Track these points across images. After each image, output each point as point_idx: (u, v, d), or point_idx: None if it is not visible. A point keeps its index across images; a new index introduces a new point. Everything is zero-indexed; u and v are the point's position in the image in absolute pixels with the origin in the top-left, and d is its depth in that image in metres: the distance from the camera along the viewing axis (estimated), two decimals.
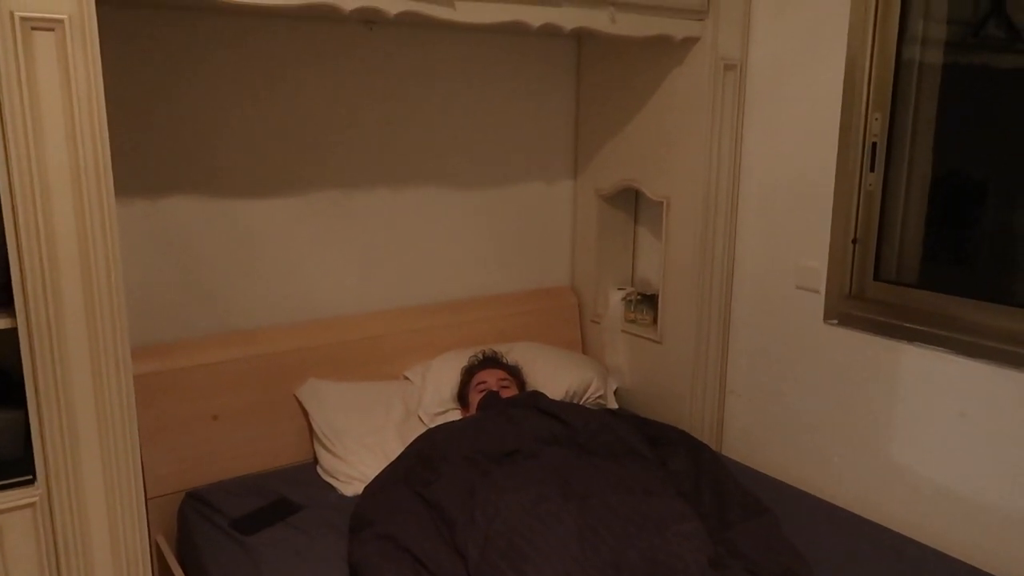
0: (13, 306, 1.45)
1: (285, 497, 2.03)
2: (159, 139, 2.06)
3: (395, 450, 2.12)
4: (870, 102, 2.07)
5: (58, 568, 1.53)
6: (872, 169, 2.09)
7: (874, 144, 2.08)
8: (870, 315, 2.09)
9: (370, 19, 1.78)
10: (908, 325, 2.00)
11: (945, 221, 2.09)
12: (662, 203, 2.48)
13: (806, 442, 2.27)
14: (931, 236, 2.11)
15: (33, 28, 1.37)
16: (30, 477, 1.50)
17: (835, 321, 2.17)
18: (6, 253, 1.44)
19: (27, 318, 1.44)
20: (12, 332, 1.46)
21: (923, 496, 1.99)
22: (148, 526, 1.67)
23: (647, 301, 2.66)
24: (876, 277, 2.12)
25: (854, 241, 2.13)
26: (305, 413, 2.25)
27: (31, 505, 1.49)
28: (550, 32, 2.03)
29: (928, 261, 2.11)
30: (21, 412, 1.52)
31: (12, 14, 1.35)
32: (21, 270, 1.42)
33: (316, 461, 2.22)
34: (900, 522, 1.99)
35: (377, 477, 2.00)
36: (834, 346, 2.17)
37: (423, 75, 2.44)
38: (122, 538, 1.58)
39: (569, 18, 2.01)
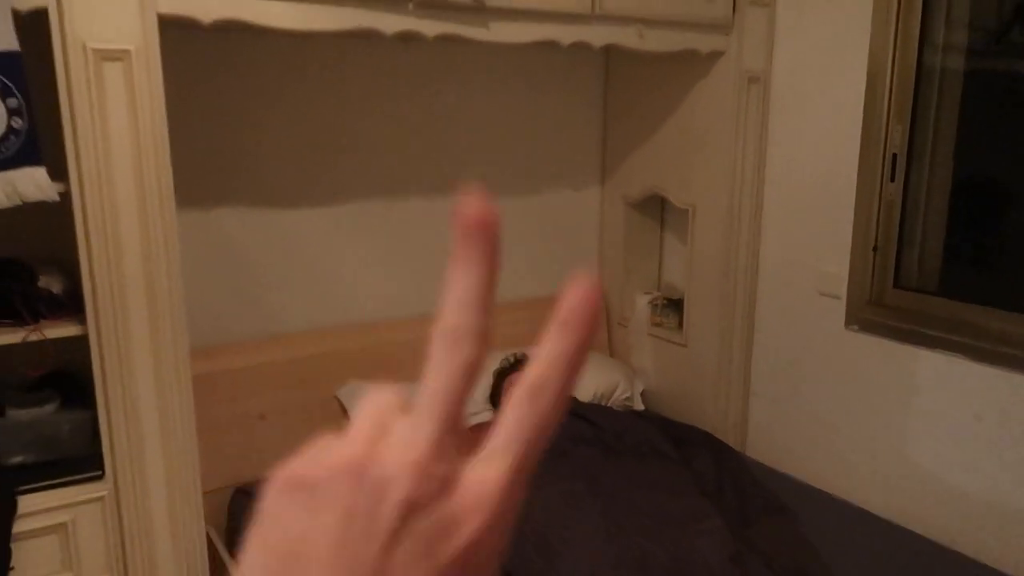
0: (83, 314, 1.57)
1: None
2: (210, 153, 2.18)
3: None
4: (891, 113, 2.12)
5: (124, 557, 1.65)
6: (892, 179, 2.14)
7: (894, 155, 2.13)
8: (890, 321, 2.15)
9: (408, 38, 1.88)
10: (927, 331, 2.06)
11: (965, 228, 2.14)
12: (688, 210, 2.56)
13: (827, 444, 2.34)
14: (951, 243, 2.16)
15: (104, 59, 1.49)
16: (99, 473, 1.62)
17: (856, 327, 2.23)
18: (77, 263, 1.56)
19: (97, 325, 1.56)
20: (82, 338, 1.58)
21: (940, 497, 2.05)
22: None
23: (673, 305, 2.74)
24: (896, 284, 2.18)
25: (874, 249, 2.19)
26: (346, 413, 2.36)
27: (100, 499, 1.61)
28: (580, 48, 2.12)
29: (948, 268, 2.16)
30: (90, 412, 1.64)
31: (85, 46, 1.47)
32: (92, 280, 1.54)
33: None
34: (917, 522, 2.05)
35: None
36: (855, 351, 2.23)
37: (457, 87, 2.54)
38: (182, 529, 1.70)
39: (599, 36, 2.09)
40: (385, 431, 0.30)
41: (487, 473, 0.30)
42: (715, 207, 2.45)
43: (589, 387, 2.56)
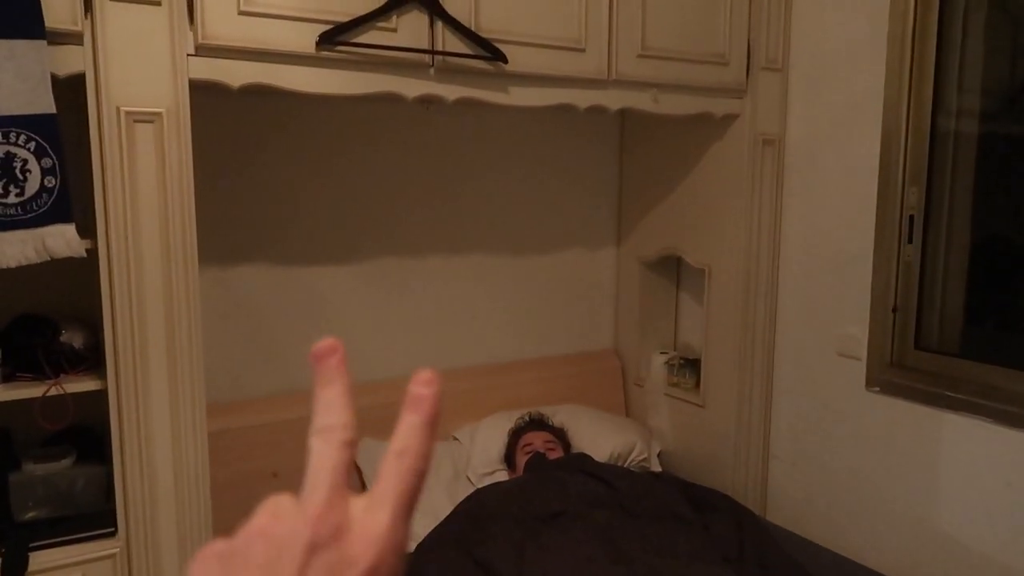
0: (103, 369, 1.58)
1: None
2: (231, 210, 2.23)
3: (444, 509, 2.18)
4: (906, 175, 2.14)
5: None
6: (910, 241, 2.14)
7: (911, 217, 2.14)
8: (912, 383, 2.12)
9: (429, 101, 1.93)
10: (951, 394, 2.03)
11: (986, 289, 2.13)
12: (704, 270, 2.56)
13: (849, 509, 2.28)
14: (972, 304, 2.15)
15: (135, 120, 1.54)
16: (112, 529, 1.61)
17: (877, 389, 2.20)
18: (98, 318, 1.58)
19: (116, 380, 1.57)
20: (101, 393, 1.59)
21: (969, 567, 1.98)
22: None
23: (689, 365, 2.72)
24: (917, 345, 2.16)
25: (894, 310, 2.17)
26: (359, 471, 2.34)
27: (112, 556, 1.60)
28: (596, 112, 2.16)
29: (970, 329, 2.14)
30: (106, 467, 1.64)
31: (119, 109, 1.52)
32: (114, 336, 1.56)
33: None
34: None
35: (427, 536, 2.06)
36: (876, 413, 2.20)
37: (474, 148, 2.59)
38: None
39: (615, 100, 2.14)
40: (282, 508, 0.38)
41: (374, 519, 0.38)
42: (731, 267, 2.46)
43: (606, 447, 2.53)
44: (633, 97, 2.17)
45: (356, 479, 2.35)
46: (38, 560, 1.53)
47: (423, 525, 2.14)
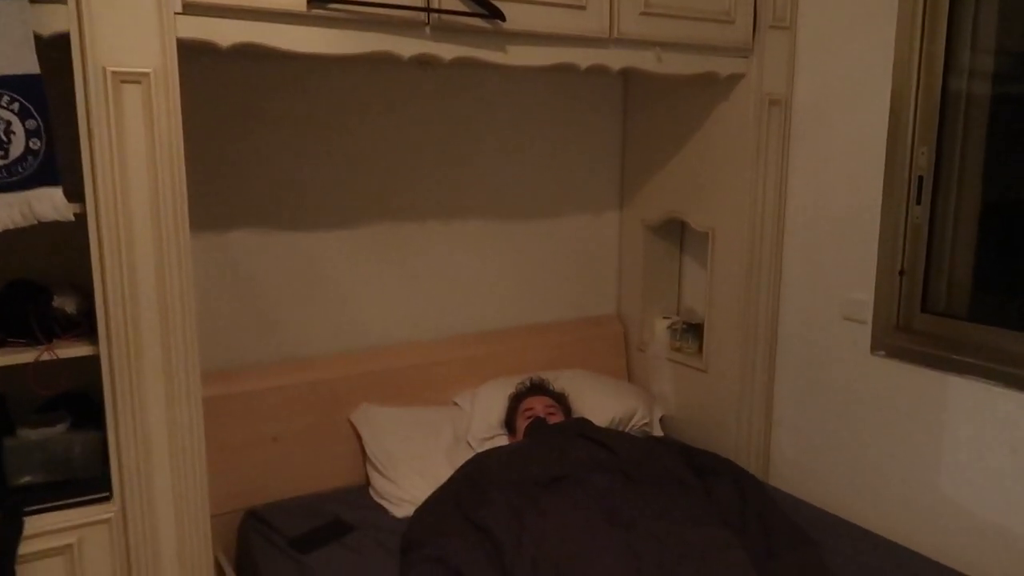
0: (96, 334, 1.57)
1: (339, 518, 2.11)
2: (225, 175, 2.19)
3: (444, 474, 2.18)
4: (916, 136, 2.08)
5: None
6: (919, 202, 2.10)
7: (920, 177, 2.09)
8: (918, 347, 2.09)
9: (425, 62, 1.88)
10: (957, 357, 2.00)
11: (995, 252, 2.08)
12: (707, 233, 2.52)
13: (853, 473, 2.27)
14: (981, 267, 2.10)
15: (122, 81, 1.50)
16: (107, 494, 1.61)
17: (882, 353, 2.17)
18: (91, 284, 1.56)
19: (109, 345, 1.55)
20: (94, 359, 1.58)
21: (972, 531, 1.97)
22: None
23: (692, 330, 2.69)
24: (924, 309, 2.13)
25: (901, 273, 2.14)
26: (359, 437, 2.34)
27: (107, 521, 1.60)
28: (598, 71, 2.11)
29: (978, 293, 2.10)
30: (101, 433, 1.63)
31: (104, 69, 1.48)
32: (105, 302, 1.54)
33: (369, 483, 2.30)
34: (948, 556, 1.97)
35: (427, 500, 2.06)
36: (881, 378, 2.17)
37: (475, 112, 2.54)
38: (189, 553, 1.68)
39: (617, 59, 2.08)
40: None
41: None
42: (736, 231, 2.42)
43: (607, 412, 2.52)
44: (636, 56, 2.11)
45: (356, 442, 2.36)
46: (34, 524, 1.53)
47: (423, 490, 2.14)
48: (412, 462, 2.26)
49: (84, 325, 1.64)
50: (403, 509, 2.14)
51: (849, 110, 2.21)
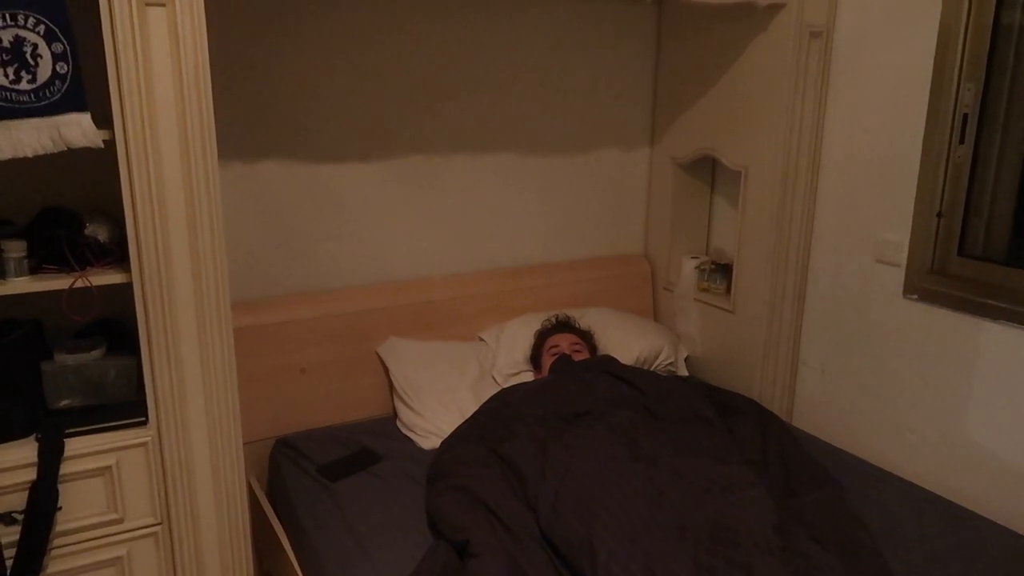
0: (128, 262, 1.58)
1: (367, 447, 2.15)
2: (255, 105, 2.17)
3: (470, 408, 2.21)
4: (963, 72, 2.00)
5: (167, 501, 1.68)
6: (962, 141, 2.03)
7: (965, 115, 2.01)
8: (953, 291, 2.05)
9: None
10: (992, 302, 1.96)
11: None
12: (740, 172, 2.47)
13: (879, 416, 2.26)
14: (1022, 210, 2.04)
15: (147, 4, 1.47)
16: (143, 419, 1.65)
17: (915, 296, 2.13)
18: (122, 212, 1.56)
19: (141, 273, 1.57)
20: (127, 286, 1.59)
21: (998, 475, 1.96)
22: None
23: (721, 270, 2.67)
24: (961, 252, 2.08)
25: (939, 215, 2.08)
26: (386, 369, 2.37)
27: (144, 444, 1.64)
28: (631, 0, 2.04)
29: (1018, 236, 2.05)
30: (135, 359, 1.66)
31: None
32: (136, 229, 1.55)
33: (395, 415, 2.34)
34: (971, 499, 1.98)
35: (453, 433, 2.09)
36: (913, 321, 2.14)
37: (505, 44, 2.48)
38: (223, 476, 1.72)
39: None
40: None
41: None
42: (769, 169, 2.36)
43: (632, 351, 2.52)
44: None
45: (383, 375, 2.38)
46: (74, 446, 1.58)
47: (449, 423, 2.17)
48: (438, 395, 2.28)
49: (116, 253, 1.66)
50: (429, 441, 2.18)
51: (893, 43, 2.13)
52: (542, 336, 2.46)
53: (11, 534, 1.53)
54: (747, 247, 2.49)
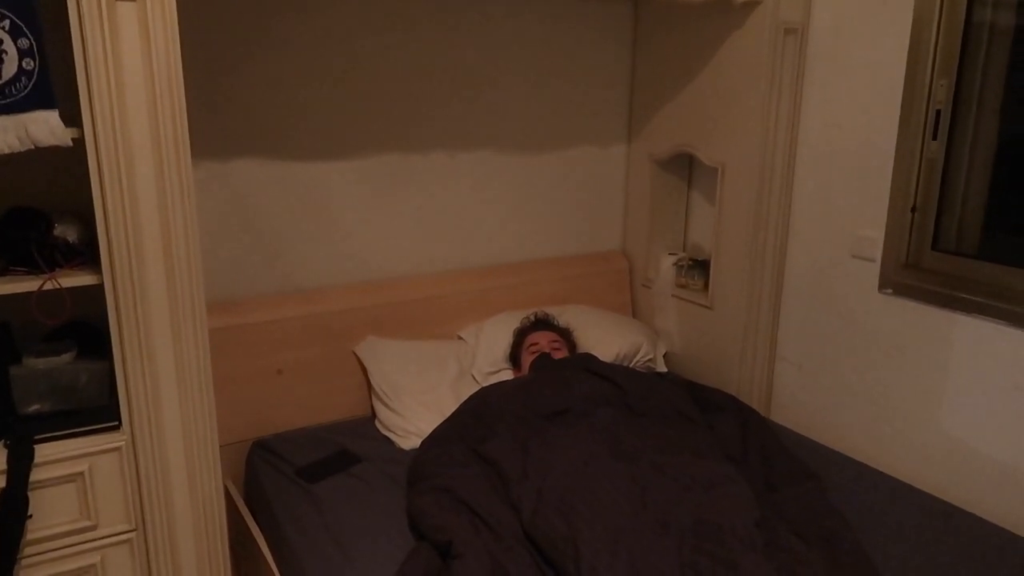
0: (99, 263, 1.54)
1: (346, 449, 2.13)
2: (228, 104, 2.14)
3: (450, 407, 2.19)
4: (936, 68, 2.02)
5: (141, 507, 1.64)
6: (935, 137, 2.05)
7: (938, 112, 2.04)
8: (927, 285, 2.07)
9: None
10: (965, 296, 1.98)
11: (1009, 190, 2.05)
12: (717, 169, 2.48)
13: (856, 410, 2.28)
14: (994, 205, 2.07)
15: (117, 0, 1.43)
16: (116, 423, 1.61)
17: (890, 291, 2.16)
18: (92, 212, 1.52)
19: (112, 274, 1.53)
20: (98, 288, 1.56)
21: (974, 468, 1.99)
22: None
23: (699, 267, 2.68)
24: (934, 247, 2.10)
25: (913, 210, 2.11)
26: (364, 369, 2.34)
27: (117, 449, 1.60)
28: None
29: (990, 231, 2.08)
30: (107, 362, 1.63)
31: None
32: (106, 229, 1.51)
33: (374, 415, 2.32)
34: (949, 492, 2.00)
35: (433, 433, 2.08)
36: (888, 316, 2.17)
37: (483, 43, 2.46)
38: (199, 480, 1.69)
39: None
40: None
41: None
42: (746, 166, 2.37)
43: (611, 348, 2.52)
44: None
45: (361, 375, 2.36)
46: (44, 452, 1.54)
47: (429, 422, 2.15)
48: (417, 395, 2.27)
49: (86, 254, 1.62)
50: (409, 441, 2.16)
51: (867, 40, 2.15)
52: (521, 334, 2.45)
53: None
54: (724, 243, 2.50)
